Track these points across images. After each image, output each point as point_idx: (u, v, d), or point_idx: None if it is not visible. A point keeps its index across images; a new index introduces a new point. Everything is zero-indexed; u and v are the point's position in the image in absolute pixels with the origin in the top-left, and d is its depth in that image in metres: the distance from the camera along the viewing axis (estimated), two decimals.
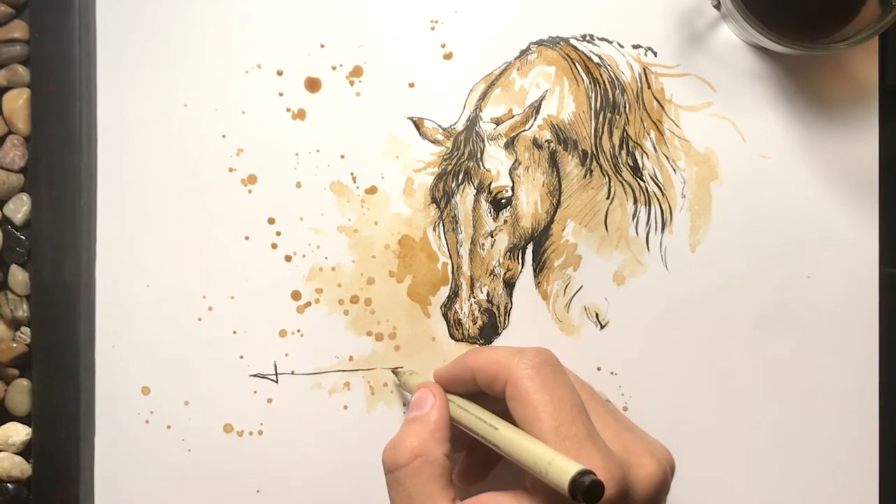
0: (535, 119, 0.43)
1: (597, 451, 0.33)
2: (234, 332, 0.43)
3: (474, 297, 0.43)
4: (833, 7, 0.40)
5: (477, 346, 0.43)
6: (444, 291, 0.43)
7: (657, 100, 0.43)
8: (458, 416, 0.38)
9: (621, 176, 0.43)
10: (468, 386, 0.38)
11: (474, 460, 0.41)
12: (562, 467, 0.31)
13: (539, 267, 0.43)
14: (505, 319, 0.43)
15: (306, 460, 0.43)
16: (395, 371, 0.43)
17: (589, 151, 0.43)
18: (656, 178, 0.43)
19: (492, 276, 0.43)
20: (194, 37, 0.43)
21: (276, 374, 0.43)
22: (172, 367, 0.43)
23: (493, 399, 0.37)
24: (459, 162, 0.43)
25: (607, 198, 0.43)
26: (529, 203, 0.43)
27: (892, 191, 0.43)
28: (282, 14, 0.43)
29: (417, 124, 0.43)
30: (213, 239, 0.43)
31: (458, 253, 0.43)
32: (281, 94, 0.43)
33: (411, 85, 0.43)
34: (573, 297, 0.43)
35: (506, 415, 0.35)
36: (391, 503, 0.36)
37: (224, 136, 0.43)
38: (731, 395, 0.43)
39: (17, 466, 0.43)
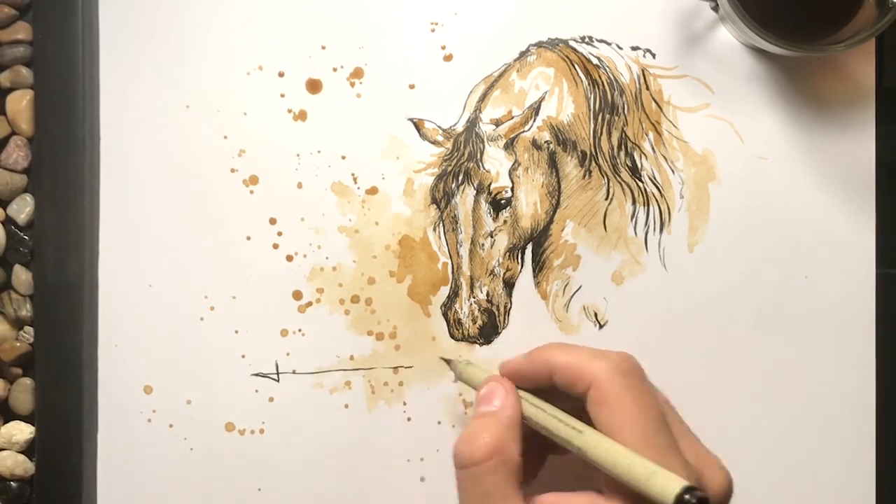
0: (534, 120, 0.43)
1: (679, 463, 0.32)
2: (236, 332, 0.43)
3: (474, 297, 0.43)
4: (830, 9, 0.40)
5: (555, 342, 0.40)
6: (444, 291, 0.43)
7: (655, 101, 0.43)
8: (531, 415, 0.36)
9: (620, 177, 0.43)
10: (539, 382, 0.37)
11: (525, 460, 0.39)
12: (666, 481, 0.30)
13: (538, 267, 0.43)
14: (504, 319, 0.43)
15: (307, 458, 0.43)
16: (448, 361, 0.43)
17: (588, 152, 0.43)
18: (655, 178, 0.43)
19: (491, 275, 0.43)
20: (196, 38, 0.43)
21: (278, 374, 0.43)
22: (174, 367, 0.43)
23: (564, 397, 0.36)
24: (459, 163, 0.43)
25: (606, 198, 0.43)
26: (529, 203, 0.43)
27: (889, 192, 0.43)
28: (283, 16, 0.43)
29: (418, 125, 0.43)
30: (214, 239, 0.43)
31: (458, 253, 0.43)
32: (282, 96, 0.43)
33: (412, 86, 0.43)
34: (572, 296, 0.43)
35: (577, 415, 0.35)
36: (460, 499, 0.35)
37: (226, 137, 0.43)
38: (728, 394, 0.43)
39: (21, 465, 0.43)
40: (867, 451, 0.43)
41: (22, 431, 0.43)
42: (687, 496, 0.29)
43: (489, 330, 0.43)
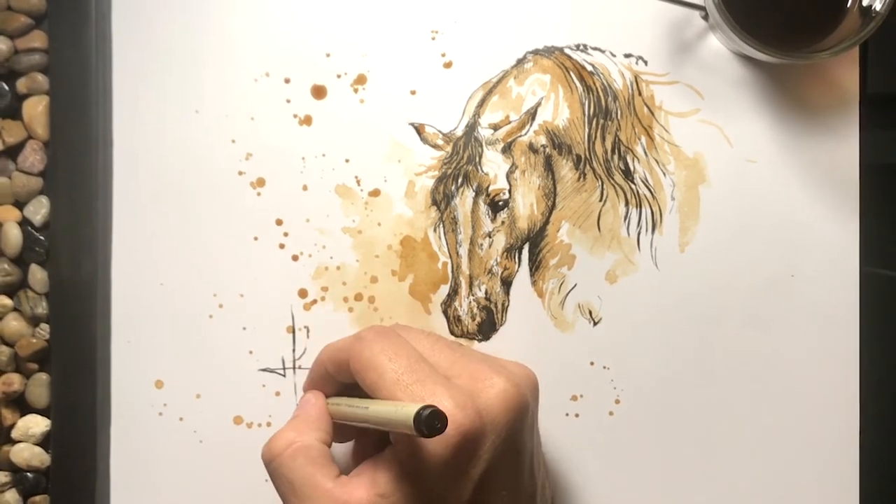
0: (531, 125, 0.43)
1: (440, 387, 0.33)
2: (244, 329, 0.43)
3: (473, 295, 0.43)
4: (816, 18, 0.40)
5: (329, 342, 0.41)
6: (444, 290, 0.44)
7: (648, 106, 0.43)
8: (335, 412, 0.38)
9: (613, 179, 0.43)
10: (332, 381, 0.39)
11: (365, 446, 0.40)
12: (405, 411, 0.31)
13: (535, 266, 0.44)
14: (502, 316, 0.43)
15: None
16: None
17: (582, 156, 0.43)
18: (647, 181, 0.43)
19: (490, 274, 0.43)
20: (205, 46, 0.43)
21: (284, 369, 0.44)
22: (184, 362, 0.43)
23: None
24: (459, 166, 0.43)
25: (600, 200, 0.43)
26: (526, 205, 0.43)
27: (872, 193, 0.43)
28: (289, 24, 0.43)
29: (419, 130, 0.43)
30: (223, 239, 0.43)
31: (457, 253, 0.43)
32: (288, 101, 0.43)
33: (413, 92, 0.43)
34: (567, 294, 0.43)
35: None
36: (279, 495, 0.35)
37: (234, 141, 0.43)
38: (718, 389, 0.43)
39: (37, 456, 0.43)
40: (851, 441, 0.43)
41: (38, 424, 0.43)
42: (421, 412, 0.30)
43: (487, 327, 0.43)
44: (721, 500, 0.43)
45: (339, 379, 0.38)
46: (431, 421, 0.30)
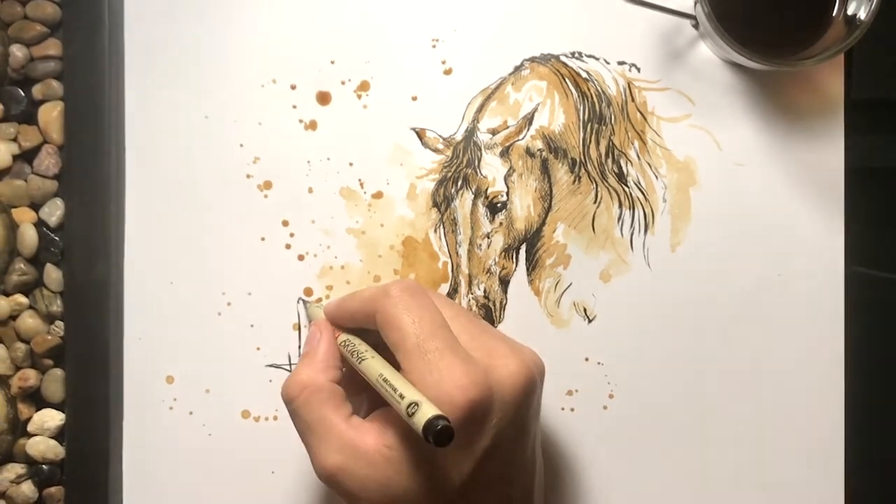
0: (528, 130, 0.43)
1: (458, 359, 0.33)
2: (251, 326, 0.44)
3: (472, 294, 0.44)
4: (802, 26, 0.40)
5: (356, 290, 0.40)
6: (445, 288, 0.44)
7: (640, 112, 0.43)
8: (342, 353, 0.37)
9: (607, 182, 0.43)
10: (354, 325, 0.38)
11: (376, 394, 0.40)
12: (417, 414, 0.30)
13: (532, 266, 0.44)
14: (500, 314, 0.44)
15: None
16: (304, 303, 0.43)
17: (577, 159, 0.43)
18: (640, 183, 0.43)
19: (488, 274, 0.43)
20: (214, 54, 0.43)
21: (290, 364, 0.44)
22: (194, 358, 0.44)
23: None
24: (458, 169, 0.43)
25: (594, 202, 0.43)
26: (523, 207, 0.43)
27: (857, 195, 0.43)
28: (295, 33, 0.43)
29: (420, 134, 0.44)
30: (231, 240, 0.44)
31: (457, 253, 0.44)
32: (294, 107, 0.44)
33: (414, 98, 0.43)
34: (563, 293, 0.43)
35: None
36: (297, 432, 0.36)
37: (242, 146, 0.44)
38: (707, 384, 0.43)
39: (52, 449, 0.43)
40: (836, 436, 0.43)
41: (53, 418, 0.43)
42: (436, 425, 0.29)
43: None
44: (711, 491, 0.43)
45: (366, 327, 0.37)
46: (442, 436, 0.29)
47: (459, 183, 0.43)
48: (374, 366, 0.35)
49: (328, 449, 0.34)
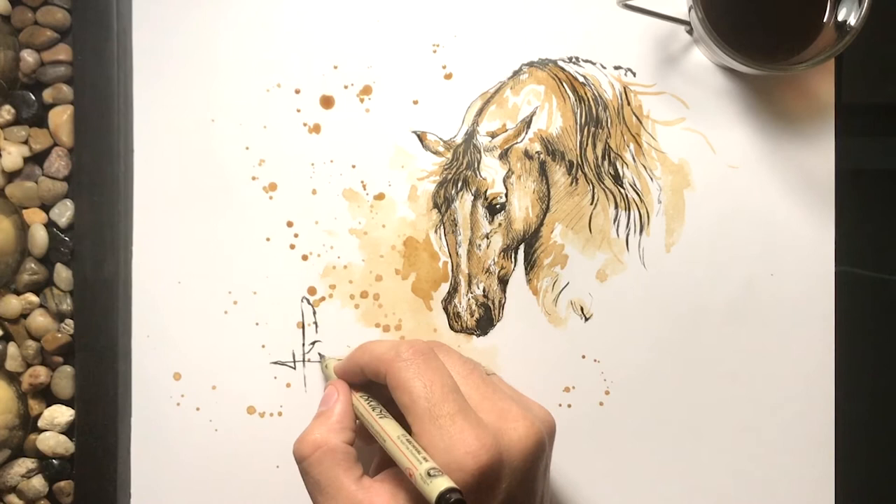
0: (526, 133, 0.43)
1: (469, 424, 0.33)
2: (257, 324, 0.44)
3: (471, 293, 0.44)
4: (794, 32, 0.40)
5: (366, 341, 0.41)
6: (445, 287, 0.44)
7: (636, 115, 0.43)
8: (357, 411, 0.38)
9: (604, 184, 0.43)
10: (364, 379, 0.38)
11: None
12: (430, 486, 0.30)
13: (530, 265, 0.44)
14: (499, 313, 0.44)
15: None
16: (322, 357, 0.43)
17: (575, 162, 0.43)
18: (635, 185, 0.43)
19: (487, 273, 0.44)
20: (221, 59, 0.44)
21: (294, 362, 0.44)
22: (201, 355, 0.44)
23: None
24: (458, 171, 0.44)
25: (591, 203, 0.44)
26: (521, 208, 0.44)
27: (847, 197, 0.43)
28: (299, 39, 0.44)
29: (421, 137, 0.44)
30: (237, 240, 0.44)
31: (457, 253, 0.44)
32: (298, 111, 0.44)
33: (415, 102, 0.44)
34: (560, 292, 0.44)
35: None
36: (308, 492, 0.36)
37: (247, 148, 0.44)
38: (701, 380, 0.43)
39: (62, 444, 0.44)
40: (826, 429, 0.43)
41: (63, 414, 0.44)
42: (450, 499, 0.30)
43: (485, 322, 0.44)
44: (704, 483, 0.44)
45: (373, 380, 0.37)
46: None
47: (459, 184, 0.44)
48: (389, 427, 0.34)
49: None
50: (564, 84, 0.44)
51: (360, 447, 0.37)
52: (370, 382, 0.38)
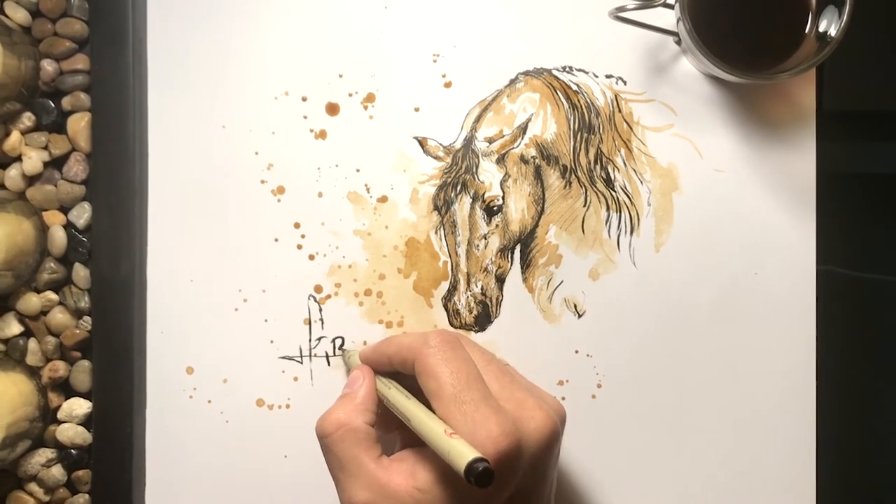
0: (522, 138, 0.44)
1: (491, 411, 0.33)
2: (266, 321, 0.44)
3: (470, 291, 0.44)
4: (777, 43, 0.41)
5: (395, 334, 0.41)
6: (445, 286, 0.44)
7: (627, 122, 0.44)
8: (382, 394, 0.38)
9: (596, 187, 0.44)
10: (389, 368, 0.38)
11: (410, 432, 0.38)
12: (459, 453, 0.31)
13: (526, 265, 0.44)
14: (496, 310, 0.44)
15: None
16: (343, 350, 0.43)
17: (568, 166, 0.44)
18: (626, 188, 0.44)
19: (485, 272, 0.44)
20: (231, 68, 0.44)
21: (301, 357, 0.44)
22: (212, 350, 0.44)
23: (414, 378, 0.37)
24: (458, 175, 0.44)
25: (584, 206, 0.44)
26: (518, 210, 0.44)
27: (828, 199, 0.43)
28: (306, 49, 0.44)
29: (422, 143, 0.44)
30: (247, 241, 0.44)
31: (456, 253, 0.44)
32: (305, 117, 0.44)
33: (416, 109, 0.44)
34: (555, 290, 0.44)
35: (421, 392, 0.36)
36: (328, 468, 0.36)
37: (257, 153, 0.44)
38: (688, 375, 0.44)
39: (80, 435, 0.44)
40: (808, 423, 0.43)
41: (81, 406, 0.44)
42: (477, 468, 0.30)
43: (483, 319, 0.44)
44: (692, 472, 0.44)
45: (400, 371, 0.38)
46: (483, 477, 0.30)
47: (458, 188, 0.44)
48: (417, 406, 0.35)
49: (357, 486, 0.34)
50: (558, 92, 0.44)
51: (380, 436, 0.37)
52: (394, 373, 0.38)
